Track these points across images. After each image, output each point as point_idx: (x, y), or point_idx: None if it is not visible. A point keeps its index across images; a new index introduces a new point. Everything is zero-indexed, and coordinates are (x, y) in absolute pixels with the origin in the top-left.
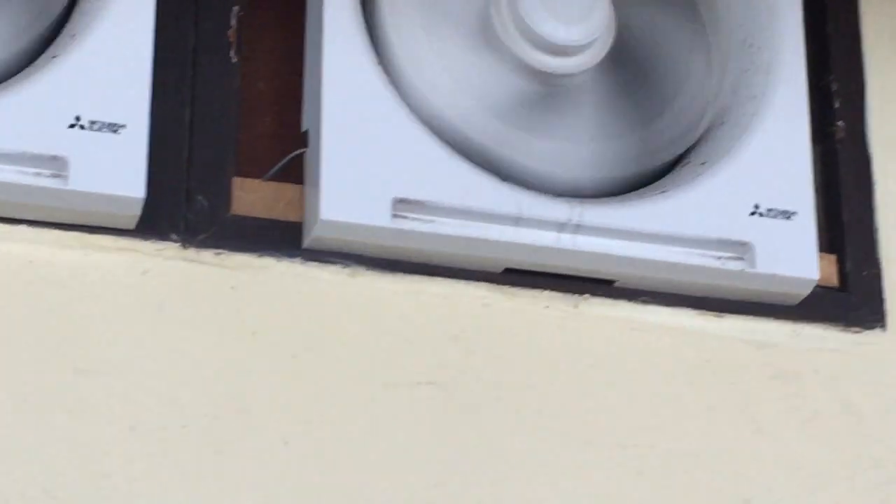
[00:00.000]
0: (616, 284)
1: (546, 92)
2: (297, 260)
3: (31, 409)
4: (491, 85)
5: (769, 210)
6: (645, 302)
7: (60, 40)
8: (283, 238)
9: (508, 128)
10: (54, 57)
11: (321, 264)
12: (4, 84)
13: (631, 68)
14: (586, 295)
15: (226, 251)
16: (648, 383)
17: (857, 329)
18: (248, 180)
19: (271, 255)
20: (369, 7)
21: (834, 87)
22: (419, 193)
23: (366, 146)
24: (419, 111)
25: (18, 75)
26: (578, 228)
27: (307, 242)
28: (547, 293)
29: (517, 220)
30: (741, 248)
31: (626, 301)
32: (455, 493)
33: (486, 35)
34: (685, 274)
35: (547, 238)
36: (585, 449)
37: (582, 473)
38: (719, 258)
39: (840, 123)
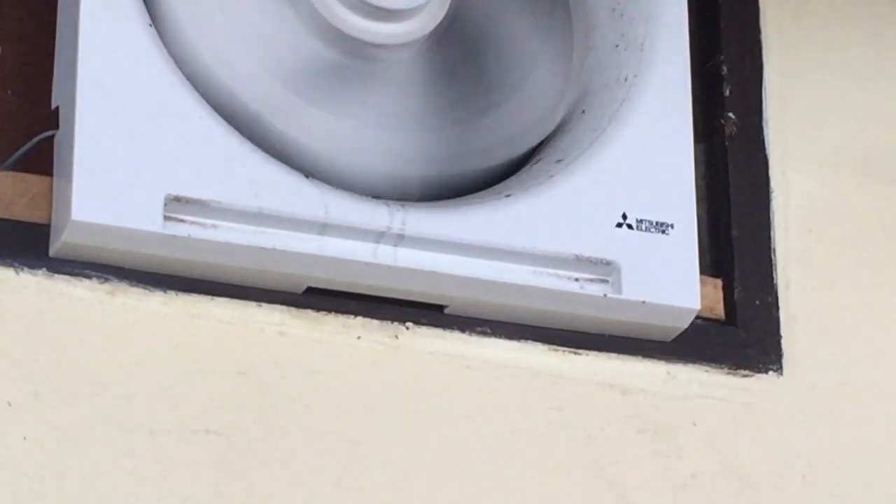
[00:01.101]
0: (447, 311)
1: (358, 66)
2: (42, 271)
3: None
4: (288, 51)
5: (640, 222)
6: (483, 333)
7: None
8: (25, 243)
9: (308, 105)
10: None
11: (72, 277)
12: None
13: (465, 49)
14: (409, 323)
15: None
16: (485, 436)
17: (746, 372)
18: None
19: (9, 264)
20: None
21: (724, 69)
22: (199, 191)
23: (132, 129)
24: (200, 82)
25: None
26: (401, 239)
27: (55, 249)
28: (360, 320)
29: (323, 227)
30: (604, 269)
31: (459, 332)
32: None
33: None
34: (533, 299)
35: (361, 250)
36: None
37: None
38: (576, 280)
39: (731, 115)
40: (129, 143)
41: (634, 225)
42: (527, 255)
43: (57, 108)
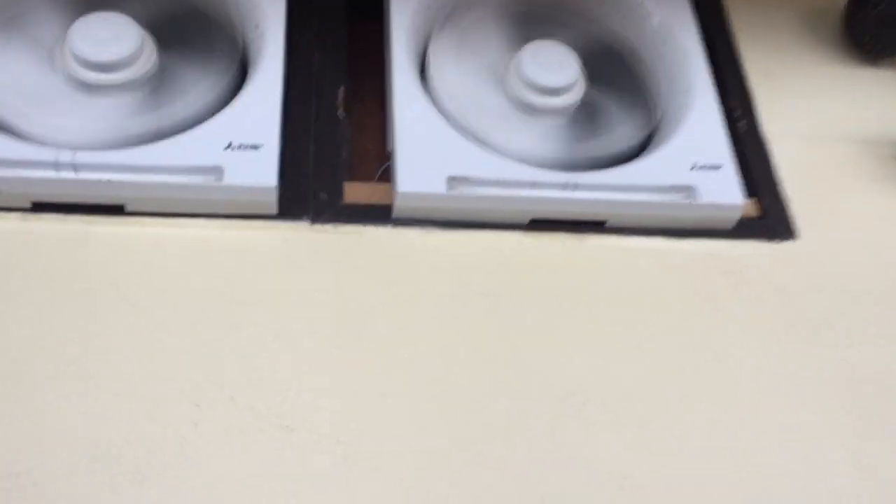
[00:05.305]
0: (607, 224)
1: None
2: (389, 227)
3: (211, 326)
4: None
5: (695, 166)
6: (628, 234)
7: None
8: (381, 215)
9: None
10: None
11: (405, 227)
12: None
13: (583, 114)
14: (588, 233)
15: (339, 224)
16: (633, 286)
17: (778, 241)
18: (354, 183)
19: (377, 225)
20: (426, 70)
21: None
22: (464, 172)
23: (426, 150)
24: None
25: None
26: (577, 187)
27: (394, 215)
28: (560, 234)
29: (533, 185)
30: (688, 190)
31: (615, 235)
32: (501, 355)
33: None
34: (655, 209)
35: (556, 195)
36: (589, 324)
37: (588, 338)
38: (672, 197)
39: (743, 122)
40: (425, 157)
41: (698, 167)
42: (650, 187)
43: (389, 151)
